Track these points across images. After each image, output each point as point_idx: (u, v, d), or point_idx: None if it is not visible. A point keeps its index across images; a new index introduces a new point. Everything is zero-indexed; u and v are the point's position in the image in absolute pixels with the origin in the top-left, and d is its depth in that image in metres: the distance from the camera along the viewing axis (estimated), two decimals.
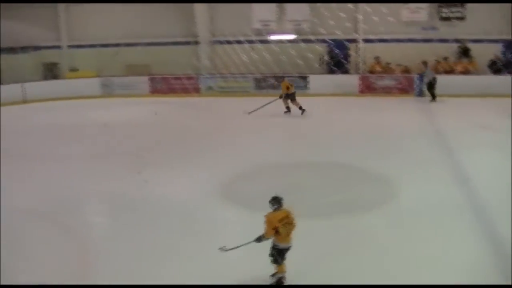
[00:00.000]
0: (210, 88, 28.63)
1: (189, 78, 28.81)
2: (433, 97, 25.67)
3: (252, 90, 28.26)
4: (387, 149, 18.24)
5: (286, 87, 23.53)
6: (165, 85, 28.79)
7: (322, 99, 26.61)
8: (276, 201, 9.92)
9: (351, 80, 27.79)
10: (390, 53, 27.85)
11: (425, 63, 26.16)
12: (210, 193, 15.24)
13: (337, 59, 27.20)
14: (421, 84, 26.53)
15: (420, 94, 26.46)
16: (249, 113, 23.57)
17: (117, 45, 30.56)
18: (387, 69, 28.07)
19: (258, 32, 28.63)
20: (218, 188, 15.62)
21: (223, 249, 10.16)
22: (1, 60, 31.72)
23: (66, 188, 16.29)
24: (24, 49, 31.74)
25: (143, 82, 29.67)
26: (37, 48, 32.16)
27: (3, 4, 30.18)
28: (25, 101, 29.37)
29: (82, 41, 31.76)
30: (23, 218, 14.33)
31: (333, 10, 26.39)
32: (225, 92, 28.36)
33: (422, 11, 27.86)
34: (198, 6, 29.55)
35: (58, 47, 32.38)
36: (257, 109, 23.70)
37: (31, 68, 31.81)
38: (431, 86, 25.78)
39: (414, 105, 25.56)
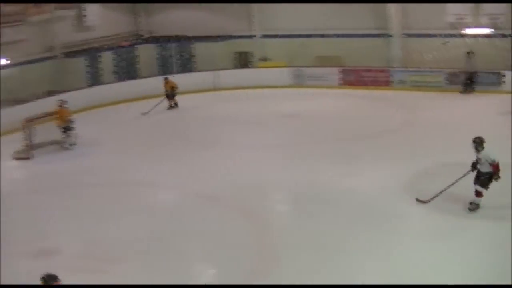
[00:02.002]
0: (401, 81, 29.47)
1: (380, 71, 30.03)
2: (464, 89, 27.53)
3: (444, 85, 28.76)
4: None
5: (171, 87, 27.75)
6: (355, 77, 30.19)
7: None
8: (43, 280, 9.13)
9: None
10: None
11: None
12: (393, 188, 16.44)
13: None
14: None
15: None
16: (143, 114, 26.92)
17: (308, 36, 32.23)
18: None
19: (452, 26, 29.31)
20: (402, 184, 16.77)
21: None
22: (195, 49, 34.92)
23: (253, 175, 18.34)
24: (217, 38, 34.49)
25: (333, 73, 30.98)
26: (230, 37, 34.69)
27: None
28: (216, 89, 32.00)
29: (273, 31, 33.66)
30: (207, 204, 16.55)
31: None
32: (416, 86, 29.08)
33: None
34: None
35: (250, 36, 34.60)
36: (150, 110, 27.08)
37: (224, 57, 34.48)
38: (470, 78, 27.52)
39: None
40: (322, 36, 31.95)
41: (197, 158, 20.74)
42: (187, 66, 35.37)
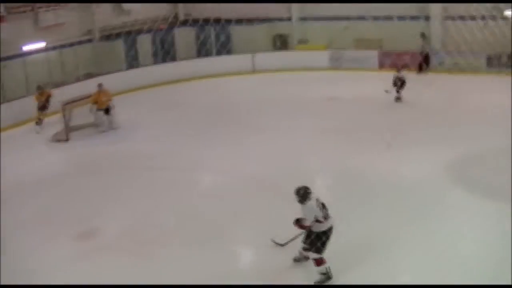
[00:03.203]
0: (440, 64, 30.15)
1: (420, 54, 30.45)
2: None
3: (484, 68, 29.28)
4: None
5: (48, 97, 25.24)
6: (394, 61, 30.53)
7: None
8: None
9: None
10: None
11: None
12: (436, 174, 16.73)
13: None
14: None
15: None
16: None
17: (347, 18, 32.26)
18: None
19: (493, 8, 29.46)
20: (445, 168, 17.10)
21: None
22: (233, 31, 35.61)
23: (290, 159, 18.80)
24: (256, 21, 35.18)
25: (372, 56, 31.77)
26: (268, 20, 35.44)
27: None
28: (254, 71, 32.88)
29: (312, 14, 34.25)
30: (248, 186, 17.16)
31: None
32: (455, 69, 29.34)
33: None
34: None
35: (289, 19, 35.37)
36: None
37: (262, 40, 35.32)
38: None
39: None
40: (362, 19, 32.11)
41: (240, 141, 21.31)
42: (225, 48, 36.06)
